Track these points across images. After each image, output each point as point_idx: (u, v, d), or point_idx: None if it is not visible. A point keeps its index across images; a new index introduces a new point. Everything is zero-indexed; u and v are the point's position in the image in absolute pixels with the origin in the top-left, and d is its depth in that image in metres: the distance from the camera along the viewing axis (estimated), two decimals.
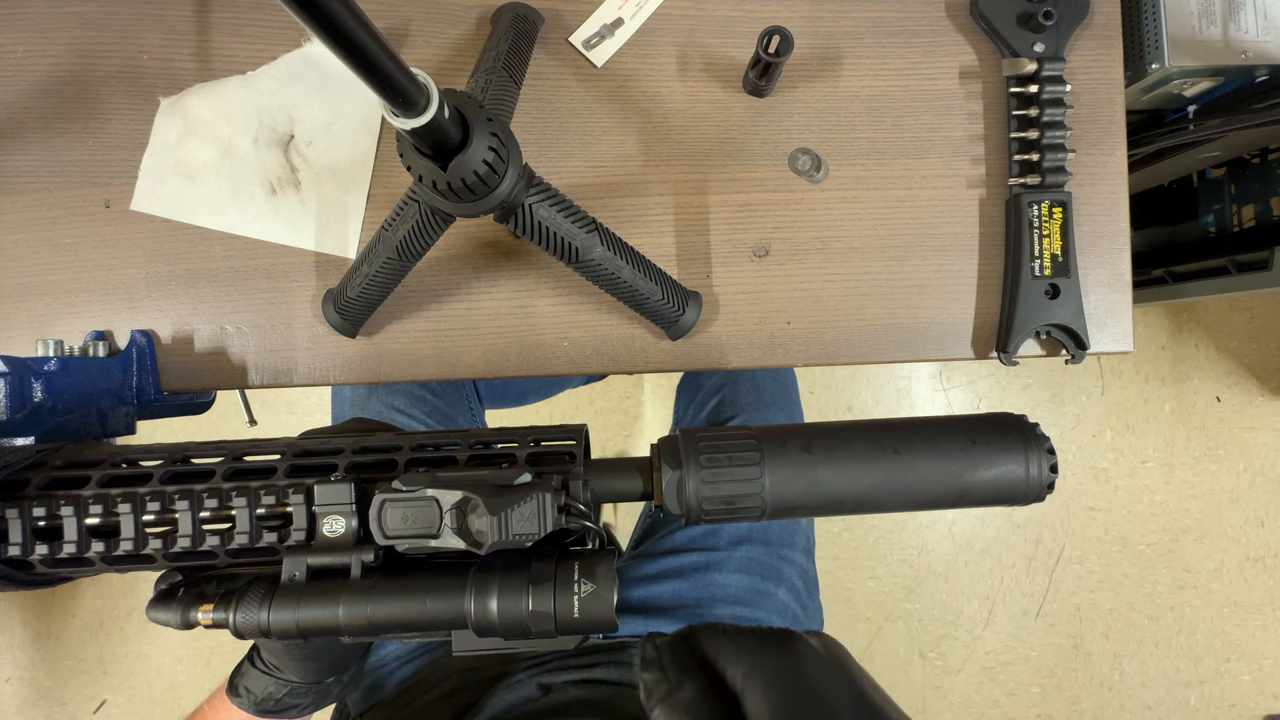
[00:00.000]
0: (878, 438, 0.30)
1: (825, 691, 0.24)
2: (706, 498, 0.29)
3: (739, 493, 0.29)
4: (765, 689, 0.24)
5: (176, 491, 0.30)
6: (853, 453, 0.30)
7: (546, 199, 0.41)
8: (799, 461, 0.29)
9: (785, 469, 0.29)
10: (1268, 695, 1.36)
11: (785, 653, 0.25)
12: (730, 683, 0.25)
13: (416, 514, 0.27)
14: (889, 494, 0.30)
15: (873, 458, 0.30)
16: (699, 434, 0.30)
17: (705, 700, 0.24)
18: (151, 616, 0.29)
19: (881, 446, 0.30)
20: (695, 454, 0.29)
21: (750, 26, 0.52)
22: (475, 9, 0.52)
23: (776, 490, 0.29)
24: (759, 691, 0.24)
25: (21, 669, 1.35)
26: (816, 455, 0.29)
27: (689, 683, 0.25)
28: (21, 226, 0.51)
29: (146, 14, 0.51)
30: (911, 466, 0.30)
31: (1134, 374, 1.40)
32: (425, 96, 0.28)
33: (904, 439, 0.30)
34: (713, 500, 0.29)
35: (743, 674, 0.24)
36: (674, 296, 0.47)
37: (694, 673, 0.25)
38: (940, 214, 0.53)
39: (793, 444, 0.30)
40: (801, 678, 0.24)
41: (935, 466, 0.30)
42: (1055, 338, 0.51)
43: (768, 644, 0.26)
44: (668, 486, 0.29)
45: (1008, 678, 1.36)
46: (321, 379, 0.51)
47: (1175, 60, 0.64)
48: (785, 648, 0.25)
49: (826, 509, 0.30)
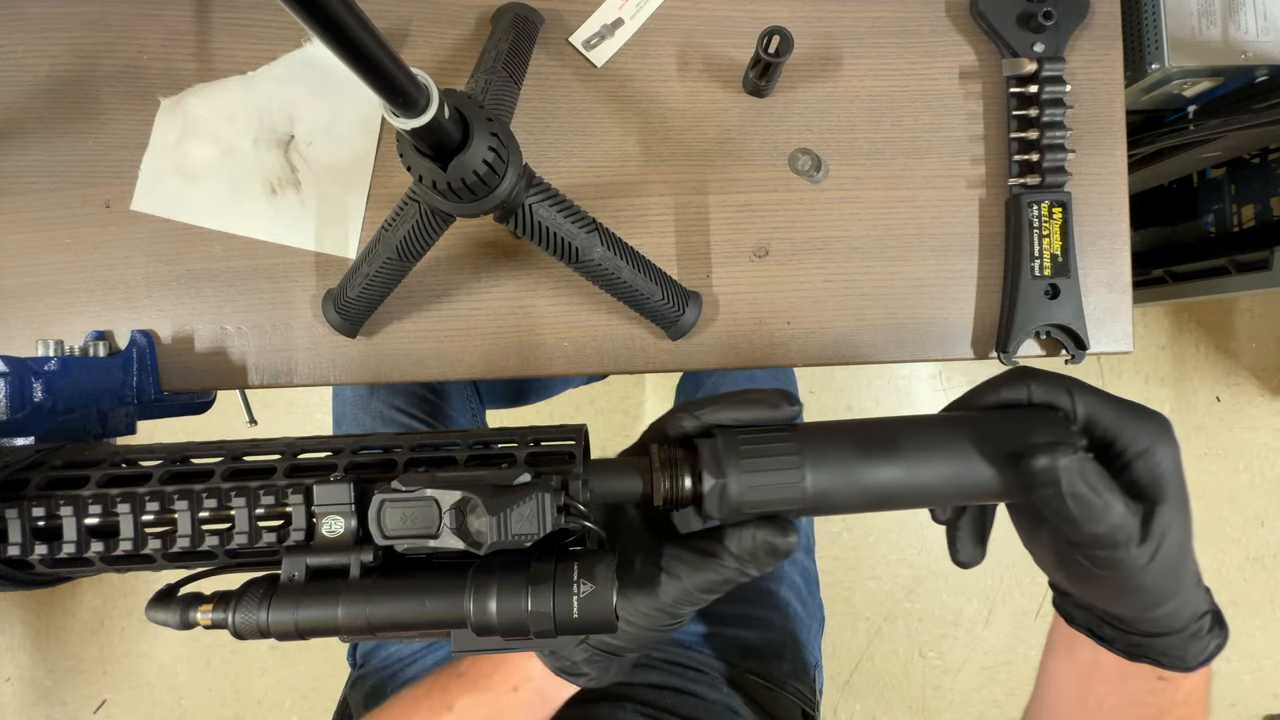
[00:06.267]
0: (912, 432, 0.30)
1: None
2: (750, 502, 0.29)
3: (782, 495, 0.29)
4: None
5: (176, 491, 0.30)
6: (889, 445, 0.29)
7: (546, 199, 0.41)
8: (842, 457, 0.29)
9: (829, 467, 0.29)
10: (1267, 695, 1.36)
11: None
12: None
13: (415, 514, 0.27)
14: (923, 489, 0.29)
15: (907, 451, 0.29)
16: (739, 435, 0.30)
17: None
18: (151, 616, 0.29)
19: (911, 441, 0.30)
20: (737, 457, 0.29)
21: (750, 26, 0.52)
22: (475, 9, 0.52)
23: (818, 487, 0.29)
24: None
25: (21, 669, 1.35)
26: (862, 451, 0.29)
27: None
28: (21, 226, 0.51)
29: (146, 14, 0.51)
30: (938, 461, 0.29)
31: (1134, 374, 1.40)
32: (425, 96, 0.28)
33: (926, 433, 0.30)
34: (755, 505, 0.29)
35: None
36: (674, 296, 0.47)
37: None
38: (940, 214, 0.53)
39: (839, 439, 0.30)
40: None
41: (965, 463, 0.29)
42: (1055, 338, 0.51)
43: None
44: (710, 492, 0.29)
45: (1008, 677, 1.36)
46: (321, 379, 0.51)
47: (1175, 60, 0.64)
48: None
49: (868, 505, 0.30)
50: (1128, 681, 0.33)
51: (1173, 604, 0.30)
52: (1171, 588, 0.29)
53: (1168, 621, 0.30)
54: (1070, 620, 0.35)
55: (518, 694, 0.37)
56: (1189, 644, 0.31)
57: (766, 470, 0.29)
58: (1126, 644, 0.32)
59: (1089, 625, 0.34)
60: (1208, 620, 0.31)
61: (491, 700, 0.37)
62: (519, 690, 0.37)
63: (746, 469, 0.29)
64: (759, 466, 0.29)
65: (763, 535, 0.29)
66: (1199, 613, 0.31)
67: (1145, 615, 0.30)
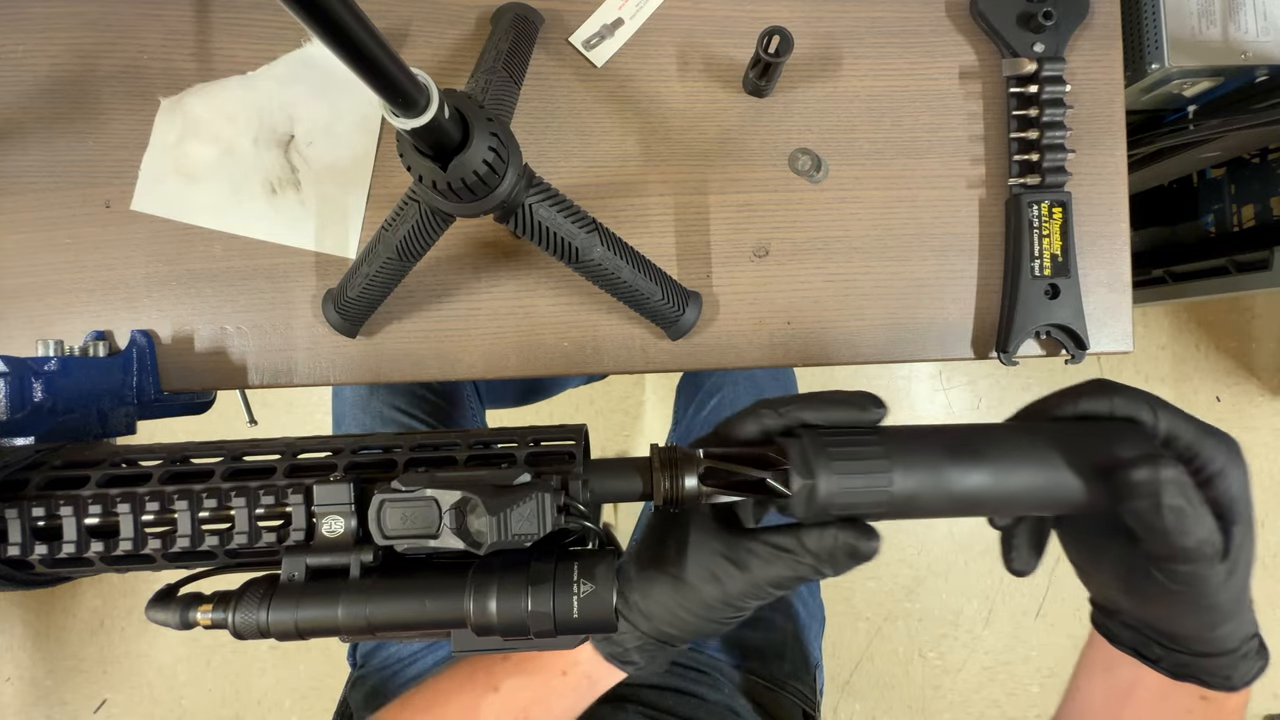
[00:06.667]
0: (1007, 437, 0.30)
1: None
2: (837, 504, 0.29)
3: (869, 499, 0.29)
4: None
5: (175, 491, 0.30)
6: (975, 451, 0.29)
7: (546, 199, 0.41)
8: (929, 462, 0.29)
9: (916, 471, 0.29)
10: (1268, 695, 1.36)
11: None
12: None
13: (415, 514, 0.27)
14: (1008, 496, 0.29)
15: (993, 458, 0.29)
16: (826, 436, 0.30)
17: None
18: (151, 616, 0.29)
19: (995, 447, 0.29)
20: (826, 458, 0.29)
21: (750, 26, 0.52)
22: (475, 9, 0.52)
23: (905, 490, 0.29)
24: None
25: (21, 669, 1.35)
26: (950, 456, 0.29)
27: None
28: (21, 226, 0.51)
29: (146, 14, 0.51)
30: (1024, 468, 0.29)
31: (1134, 374, 1.40)
32: (425, 96, 0.28)
33: (1011, 441, 0.30)
34: (843, 507, 0.29)
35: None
36: (674, 296, 0.47)
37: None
38: (940, 214, 0.53)
39: (927, 444, 0.30)
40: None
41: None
42: (1055, 338, 0.51)
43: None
44: (799, 492, 0.29)
45: (1008, 678, 1.36)
46: (321, 379, 0.51)
47: (1175, 60, 0.64)
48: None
49: (952, 510, 0.30)
50: (1167, 700, 0.33)
51: (1233, 624, 0.30)
52: (1236, 607, 0.29)
53: (1223, 641, 0.30)
54: (1114, 639, 0.34)
55: (565, 678, 0.37)
56: (1238, 664, 0.31)
57: (855, 473, 0.29)
58: (1174, 663, 0.32)
59: (1135, 644, 0.33)
60: (1255, 642, 0.32)
61: (539, 683, 0.37)
62: (567, 674, 0.37)
63: (836, 470, 0.29)
64: (848, 469, 0.29)
65: (845, 537, 0.29)
66: (1249, 634, 0.31)
67: (1207, 634, 0.30)
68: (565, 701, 0.37)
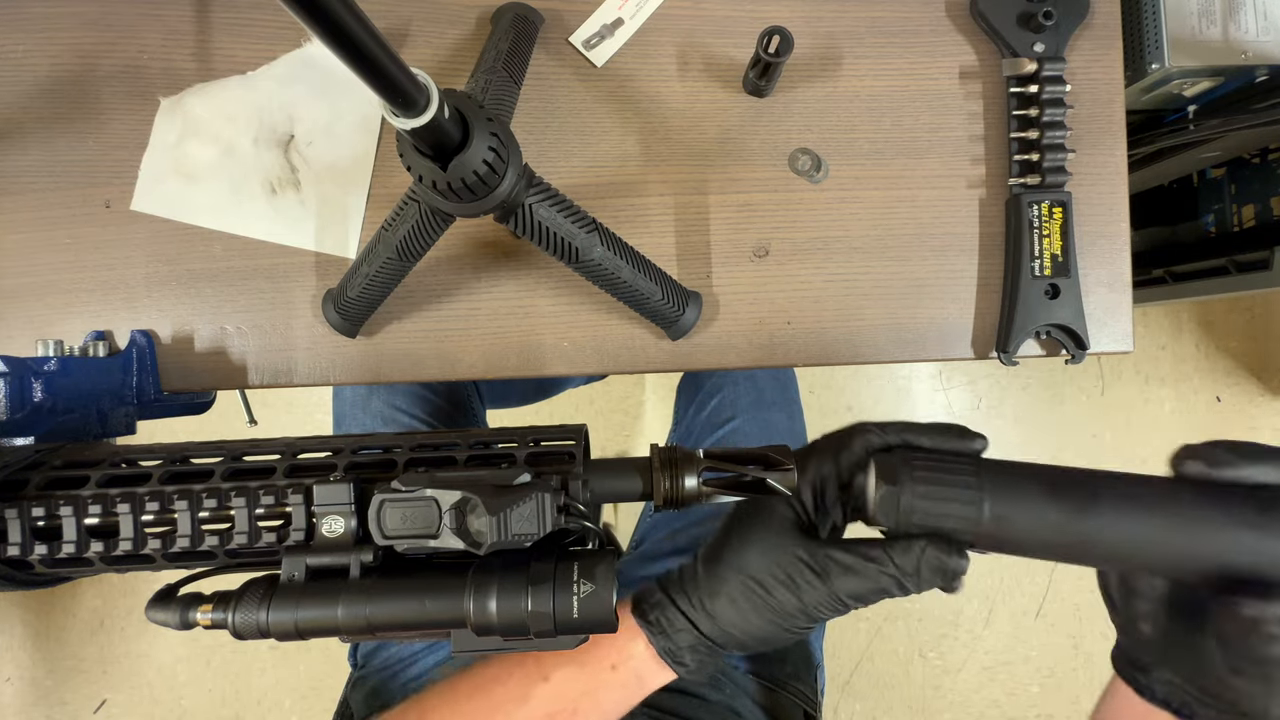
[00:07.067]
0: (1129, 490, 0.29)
1: None
2: (919, 509, 0.30)
3: (954, 513, 0.30)
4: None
5: (175, 491, 0.30)
6: (1087, 496, 0.29)
7: (546, 199, 0.41)
8: (1029, 495, 0.29)
9: (1012, 500, 0.29)
10: None
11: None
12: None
13: (415, 514, 0.27)
14: (1114, 553, 0.29)
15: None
16: (918, 455, 0.31)
17: None
18: (151, 616, 0.29)
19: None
20: (912, 469, 0.30)
21: (750, 26, 0.52)
22: (475, 9, 0.52)
23: (996, 514, 0.29)
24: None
25: (21, 669, 1.35)
26: (1053, 495, 0.29)
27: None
28: (21, 226, 0.51)
29: (146, 14, 0.51)
30: (1144, 531, 0.28)
31: (1134, 374, 1.40)
32: (425, 96, 0.28)
33: (1135, 500, 0.29)
34: (924, 516, 0.30)
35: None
36: (674, 296, 0.47)
37: None
38: (940, 214, 0.53)
39: (1028, 478, 0.30)
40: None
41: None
42: (1055, 338, 0.51)
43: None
44: (884, 497, 0.30)
45: (1008, 678, 1.36)
46: (321, 379, 0.51)
47: (1175, 60, 0.64)
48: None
49: (1049, 549, 0.30)
50: None
51: None
52: None
53: None
54: (1147, 693, 0.33)
55: (615, 672, 0.36)
56: None
57: (941, 485, 0.30)
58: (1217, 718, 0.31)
59: (1171, 698, 0.32)
60: None
61: (589, 676, 0.37)
62: (617, 669, 0.36)
63: (920, 480, 0.30)
64: (934, 480, 0.30)
65: (933, 552, 0.29)
66: None
67: (1273, 709, 0.29)
68: (614, 697, 0.37)
